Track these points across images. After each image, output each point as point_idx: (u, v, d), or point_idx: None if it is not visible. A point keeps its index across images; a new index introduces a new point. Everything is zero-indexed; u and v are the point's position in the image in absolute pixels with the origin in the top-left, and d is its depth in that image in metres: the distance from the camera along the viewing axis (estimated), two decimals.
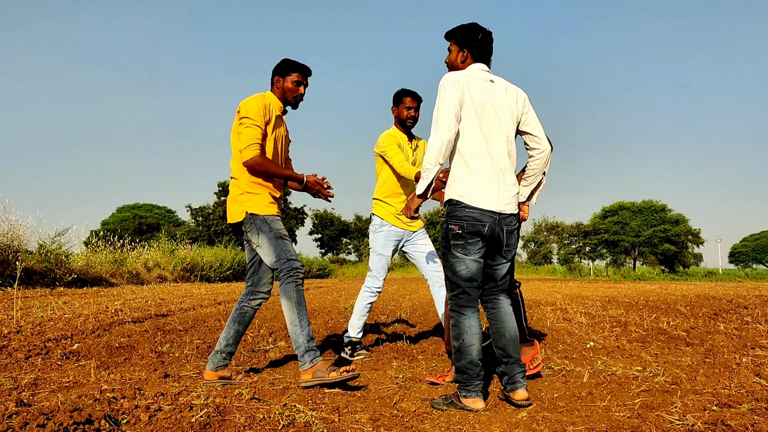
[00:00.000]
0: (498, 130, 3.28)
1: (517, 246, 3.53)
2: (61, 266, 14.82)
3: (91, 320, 6.87)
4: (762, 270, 48.88)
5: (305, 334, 3.79)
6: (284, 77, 4.08)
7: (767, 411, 2.97)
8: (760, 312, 8.18)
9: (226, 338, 3.99)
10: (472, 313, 3.30)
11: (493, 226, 3.24)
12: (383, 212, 4.97)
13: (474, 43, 3.44)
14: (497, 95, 3.31)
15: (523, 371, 3.36)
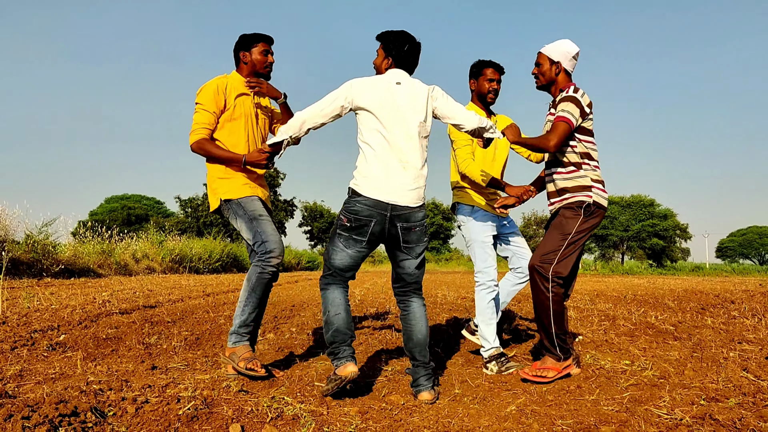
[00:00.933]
0: (400, 127, 3.40)
1: (421, 242, 3.48)
2: (49, 257, 14.70)
3: (78, 311, 6.81)
4: (748, 265, 49.27)
5: (241, 320, 3.79)
6: (249, 50, 4.05)
7: (754, 405, 2.98)
8: (747, 307, 8.23)
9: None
10: (336, 288, 3.45)
11: (381, 221, 3.34)
12: (472, 200, 4.41)
13: (400, 52, 3.56)
14: (401, 96, 3.44)
15: (428, 374, 3.40)
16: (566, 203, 3.88)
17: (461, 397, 3.36)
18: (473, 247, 4.39)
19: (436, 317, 7.12)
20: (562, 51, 3.92)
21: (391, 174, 3.36)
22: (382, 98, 3.42)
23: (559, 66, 3.94)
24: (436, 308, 8.29)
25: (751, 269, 39.38)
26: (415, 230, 3.41)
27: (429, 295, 10.93)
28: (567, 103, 3.78)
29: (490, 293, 4.34)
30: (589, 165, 3.87)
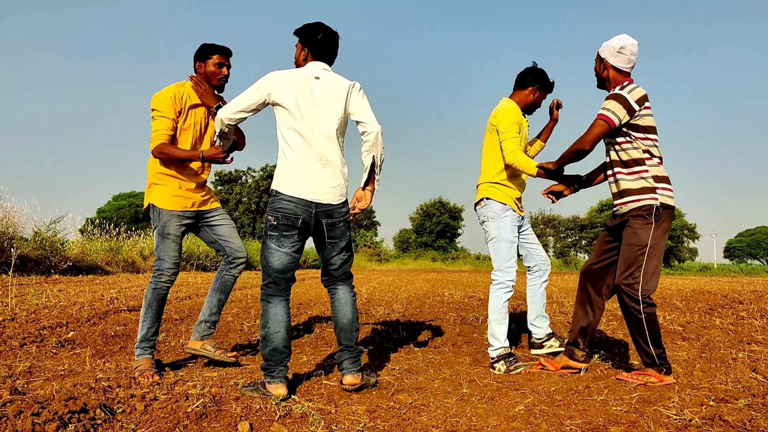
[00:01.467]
0: (318, 123, 3.42)
1: (345, 237, 3.52)
2: (57, 254, 14.76)
3: (87, 308, 6.84)
4: (757, 265, 49.04)
5: (141, 335, 3.84)
6: (205, 62, 4.10)
7: (764, 406, 2.97)
8: (755, 307, 8.19)
9: (210, 307, 4.15)
10: (279, 302, 3.41)
11: (308, 218, 3.37)
12: (505, 197, 4.35)
13: (314, 43, 3.57)
14: (319, 92, 3.46)
15: (352, 357, 3.47)
16: (633, 209, 3.75)
17: (469, 397, 3.36)
18: (500, 245, 4.33)
19: (444, 316, 7.11)
20: (608, 47, 3.84)
21: (312, 172, 3.38)
22: (298, 94, 3.41)
23: (605, 63, 3.88)
24: (443, 307, 8.28)
25: (760, 269, 39.18)
26: (339, 225, 3.48)
27: (436, 293, 10.92)
28: (609, 101, 3.72)
29: (507, 293, 4.30)
30: (652, 161, 3.76)
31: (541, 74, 4.51)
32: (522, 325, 6.12)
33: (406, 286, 13.53)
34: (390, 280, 16.58)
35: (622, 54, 3.80)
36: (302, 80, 3.45)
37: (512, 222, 4.34)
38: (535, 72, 4.51)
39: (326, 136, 3.43)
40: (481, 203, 4.45)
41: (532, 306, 4.63)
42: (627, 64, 3.83)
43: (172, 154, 3.90)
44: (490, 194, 4.39)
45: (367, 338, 5.40)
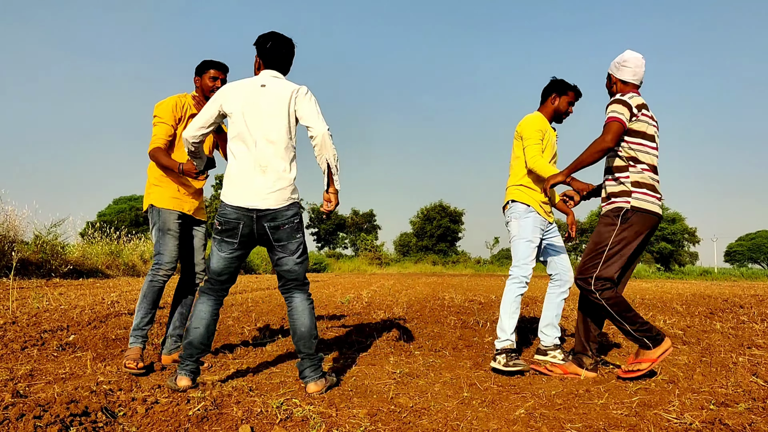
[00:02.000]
0: (260, 130, 3.47)
1: (293, 239, 3.51)
2: (57, 257, 14.78)
3: (87, 312, 6.85)
4: (757, 269, 49.02)
5: (135, 324, 4.10)
6: (201, 76, 4.34)
7: (764, 410, 2.97)
8: (756, 311, 8.20)
9: (174, 322, 4.42)
10: (207, 300, 3.56)
11: (249, 224, 3.45)
12: (529, 198, 4.49)
13: (264, 52, 3.65)
14: (264, 99, 3.51)
15: (313, 365, 3.50)
16: (605, 211, 3.94)
17: (470, 400, 3.36)
18: (519, 243, 4.49)
19: (444, 320, 7.12)
20: (614, 63, 4.02)
21: (250, 179, 3.44)
22: (244, 102, 3.50)
23: (612, 78, 4.04)
24: (443, 311, 8.29)
25: (760, 274, 39.17)
26: (284, 228, 3.47)
27: (436, 297, 10.93)
28: (614, 105, 3.83)
29: (520, 288, 4.43)
30: (635, 168, 3.85)
31: (557, 82, 4.66)
32: (523, 330, 6.13)
33: (407, 290, 13.54)
34: (390, 284, 16.59)
35: (626, 67, 3.94)
36: (249, 89, 3.54)
37: (534, 223, 4.48)
38: (552, 82, 4.68)
39: (269, 142, 3.47)
40: (507, 206, 4.63)
41: (545, 313, 4.68)
42: (633, 77, 3.95)
43: (158, 160, 4.14)
44: (516, 196, 4.56)
45: (368, 342, 5.40)
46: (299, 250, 3.56)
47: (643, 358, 3.75)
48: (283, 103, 3.50)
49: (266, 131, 3.47)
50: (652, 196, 3.84)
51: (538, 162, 4.36)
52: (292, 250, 3.53)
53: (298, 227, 3.54)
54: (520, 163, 4.58)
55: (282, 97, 3.51)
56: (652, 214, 3.83)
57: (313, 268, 35.48)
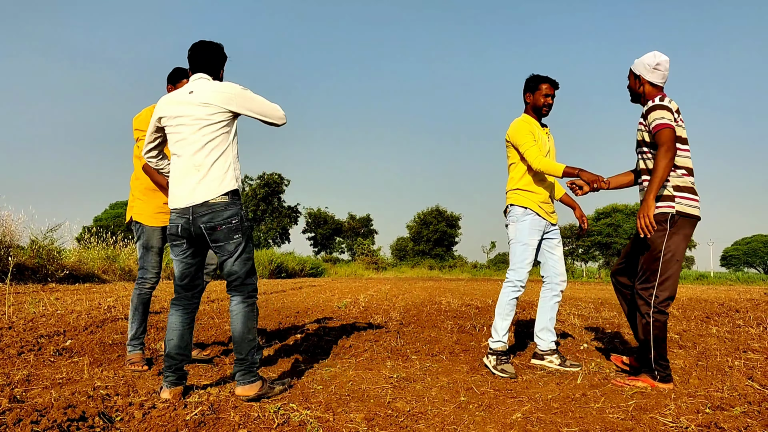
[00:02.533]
0: (190, 135, 3.52)
1: (230, 240, 3.51)
2: (53, 262, 14.75)
3: (84, 317, 6.84)
4: (753, 274, 49.10)
5: (131, 335, 4.36)
6: (175, 85, 4.44)
7: (760, 414, 2.99)
8: (751, 315, 8.22)
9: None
10: (176, 311, 3.62)
11: (186, 226, 3.50)
12: (527, 201, 4.55)
13: (189, 58, 3.75)
14: (190, 104, 3.54)
15: (242, 369, 3.49)
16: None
17: (467, 405, 3.37)
18: (515, 247, 4.55)
19: (441, 324, 7.12)
20: (643, 64, 4.02)
21: (183, 181, 3.51)
22: (173, 111, 3.57)
23: (641, 79, 4.04)
24: (440, 315, 8.29)
25: (756, 278, 39.25)
26: (221, 228, 3.47)
27: (433, 302, 10.93)
28: (657, 111, 3.83)
29: (514, 291, 4.50)
30: (676, 173, 3.86)
31: (528, 80, 4.72)
32: (522, 334, 6.14)
33: (404, 295, 13.54)
34: (387, 289, 16.59)
35: (658, 70, 3.98)
36: (178, 97, 3.60)
37: (531, 226, 4.53)
38: (525, 81, 4.73)
39: (198, 145, 3.50)
40: (508, 210, 4.69)
41: (540, 317, 4.72)
42: (661, 80, 4.00)
43: (152, 177, 4.27)
44: (514, 200, 4.62)
45: (364, 347, 5.41)
46: (237, 251, 3.54)
47: (644, 380, 3.78)
48: (208, 105, 3.51)
49: (193, 135, 3.51)
50: (693, 199, 3.86)
51: (543, 162, 4.41)
52: (230, 251, 3.52)
53: (237, 228, 3.51)
54: (516, 167, 4.62)
55: (206, 98, 3.52)
56: (695, 217, 3.86)
57: (309, 273, 35.41)
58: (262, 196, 52.42)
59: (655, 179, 3.72)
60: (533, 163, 4.44)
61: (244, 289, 3.60)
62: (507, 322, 4.46)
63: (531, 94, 4.68)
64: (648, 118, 3.86)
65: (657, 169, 3.72)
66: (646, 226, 3.72)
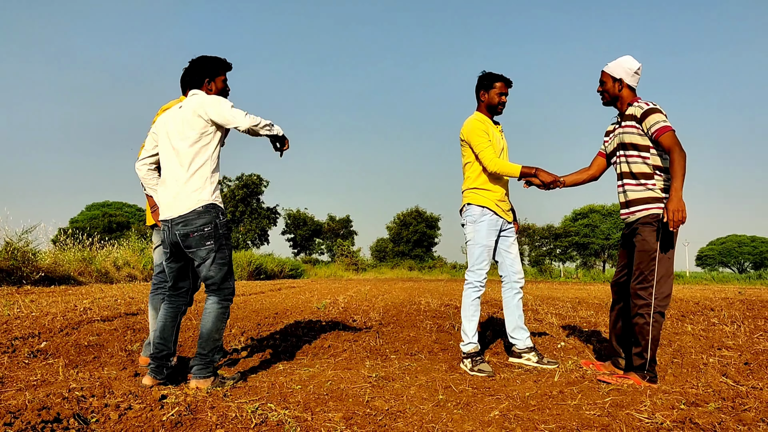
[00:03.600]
0: (176, 146, 3.71)
1: (202, 247, 3.65)
2: (28, 264, 14.56)
3: (59, 318, 6.76)
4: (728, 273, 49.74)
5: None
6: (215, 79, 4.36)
7: (733, 410, 3.03)
8: (726, 314, 8.33)
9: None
10: (164, 304, 3.89)
11: (168, 234, 3.71)
12: (484, 200, 4.54)
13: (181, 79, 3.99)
14: (175, 118, 3.74)
15: (200, 365, 3.66)
16: (642, 218, 3.93)
17: (445, 403, 3.38)
18: (473, 248, 4.58)
19: (420, 324, 7.13)
20: (624, 68, 4.07)
21: (166, 195, 3.71)
22: (164, 126, 3.79)
23: (621, 83, 4.10)
24: (419, 315, 8.30)
25: (731, 277, 39.76)
26: (193, 236, 3.63)
27: (413, 302, 10.94)
28: (656, 115, 3.88)
29: (475, 292, 4.56)
30: (661, 177, 3.92)
31: (481, 77, 4.71)
32: (499, 332, 6.17)
33: (383, 295, 13.54)
34: (367, 290, 16.58)
35: (638, 75, 4.10)
36: (170, 113, 3.80)
37: (489, 226, 4.54)
38: (478, 78, 4.73)
39: (177, 156, 3.69)
40: (464, 209, 4.68)
41: (508, 318, 4.75)
42: (637, 84, 4.11)
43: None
44: (471, 199, 4.61)
45: (344, 347, 5.40)
46: (209, 257, 3.68)
47: (633, 378, 3.81)
48: (188, 116, 3.68)
49: (175, 148, 3.70)
50: None
51: (498, 164, 4.44)
52: (202, 257, 3.68)
53: (209, 235, 3.65)
54: (472, 167, 4.63)
55: (187, 110, 3.70)
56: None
57: (289, 274, 35.26)
58: (240, 197, 52.10)
59: (679, 178, 3.73)
60: (489, 166, 4.46)
61: (220, 293, 3.77)
62: (474, 323, 4.52)
63: (485, 92, 4.66)
64: (646, 122, 3.89)
65: (678, 169, 3.73)
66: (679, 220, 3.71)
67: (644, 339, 3.82)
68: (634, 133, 3.97)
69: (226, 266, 3.76)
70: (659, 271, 3.83)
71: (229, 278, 3.78)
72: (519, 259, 4.74)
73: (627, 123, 4.03)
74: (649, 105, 3.94)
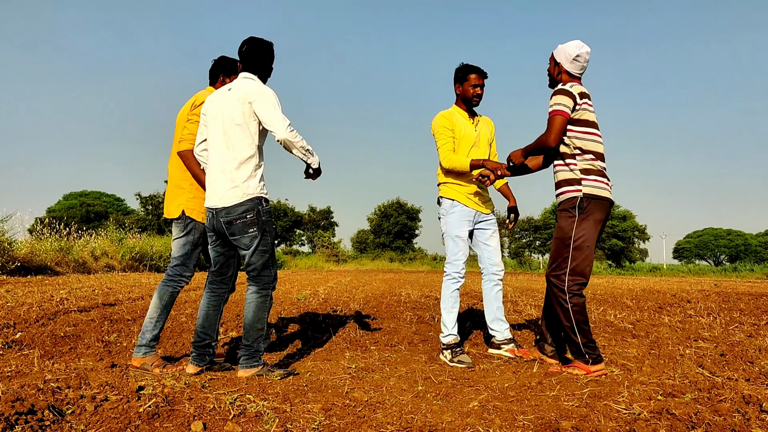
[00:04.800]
0: (219, 135, 3.73)
1: (245, 234, 3.70)
2: (4, 254, 14.35)
3: (35, 309, 6.67)
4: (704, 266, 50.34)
5: (154, 332, 4.04)
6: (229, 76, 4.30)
7: (709, 400, 3.06)
8: (702, 306, 8.43)
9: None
10: (206, 293, 3.96)
11: (212, 220, 3.76)
12: (454, 193, 4.61)
13: (240, 55, 3.88)
14: (224, 103, 3.73)
15: (245, 355, 3.72)
16: (561, 203, 3.99)
17: (424, 394, 3.38)
18: (447, 241, 4.63)
19: (400, 315, 7.14)
20: (564, 53, 4.03)
21: (212, 183, 3.73)
22: (211, 109, 3.79)
23: (560, 67, 4.06)
24: (399, 306, 8.31)
25: (707, 270, 40.25)
26: (236, 223, 3.68)
27: (393, 293, 10.95)
28: (557, 96, 3.89)
29: (454, 283, 4.58)
30: (583, 156, 3.91)
31: (456, 71, 4.72)
32: (479, 324, 6.19)
33: (364, 287, 13.53)
34: (347, 281, 16.56)
35: (577, 62, 3.99)
36: (218, 95, 3.79)
37: (459, 218, 4.59)
38: (455, 72, 4.74)
39: (226, 144, 3.69)
40: (439, 202, 4.74)
41: (487, 309, 4.78)
42: (579, 71, 4.03)
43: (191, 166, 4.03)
44: (443, 193, 4.69)
45: (324, 338, 5.39)
46: (253, 244, 3.70)
47: (579, 366, 3.84)
48: (238, 104, 3.66)
49: (222, 135, 3.70)
50: (602, 182, 3.90)
51: (451, 160, 4.52)
52: (245, 244, 3.71)
53: (250, 222, 3.67)
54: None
55: (238, 97, 3.66)
56: (605, 199, 3.89)
57: None
58: None
59: (530, 145, 3.95)
60: (443, 162, 4.57)
61: (260, 280, 3.79)
62: (453, 315, 4.53)
63: (460, 85, 4.68)
64: (550, 102, 3.91)
65: (535, 141, 3.93)
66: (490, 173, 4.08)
67: (570, 326, 3.85)
68: None
69: (267, 253, 3.79)
70: (573, 257, 3.85)
71: (270, 266, 3.81)
72: (499, 252, 4.75)
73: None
74: (559, 86, 3.94)
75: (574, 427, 2.70)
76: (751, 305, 8.67)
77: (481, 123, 4.76)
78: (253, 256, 3.72)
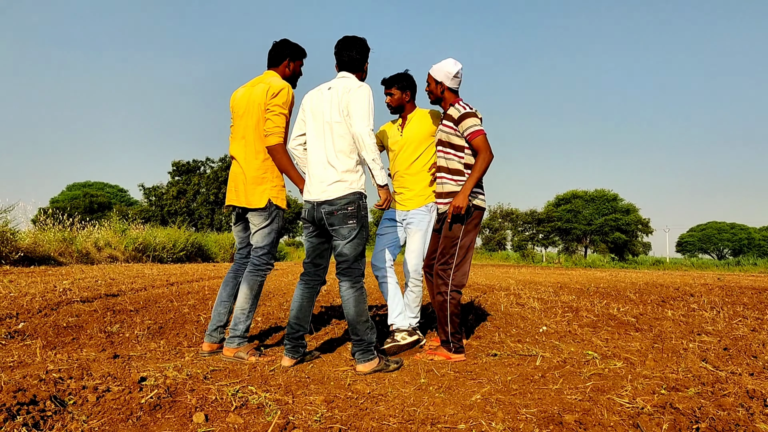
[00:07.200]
0: (321, 130, 3.83)
1: (345, 225, 3.75)
2: (7, 244, 14.36)
3: (38, 299, 6.67)
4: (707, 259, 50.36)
5: (247, 323, 4.18)
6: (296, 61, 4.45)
7: (713, 394, 3.04)
8: (705, 299, 8.41)
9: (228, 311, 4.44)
10: (300, 284, 4.00)
11: (312, 212, 3.84)
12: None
13: (335, 54, 4.00)
14: (325, 100, 3.83)
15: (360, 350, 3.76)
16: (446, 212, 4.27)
17: (427, 386, 3.37)
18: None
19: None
20: (444, 72, 4.32)
21: (314, 177, 3.81)
22: (311, 105, 3.90)
23: (442, 85, 4.35)
24: None
25: (710, 263, 40.24)
26: (337, 214, 3.75)
27: None
28: (471, 119, 4.20)
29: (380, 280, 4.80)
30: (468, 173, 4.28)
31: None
32: (481, 318, 6.17)
33: (366, 278, 13.53)
34: None
35: (457, 78, 4.35)
36: (317, 93, 3.91)
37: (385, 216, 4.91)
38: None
39: (328, 140, 3.78)
40: None
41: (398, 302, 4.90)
42: (458, 86, 4.39)
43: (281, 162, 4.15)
44: None
45: (326, 330, 5.38)
46: (351, 236, 3.78)
47: (441, 353, 4.23)
48: (337, 101, 3.76)
49: (323, 131, 3.80)
50: (482, 194, 4.33)
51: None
52: (343, 235, 3.78)
53: (350, 214, 3.75)
54: None
55: (337, 95, 3.78)
56: (483, 209, 4.34)
57: None
58: (224, 178, 51.72)
59: (475, 176, 4.15)
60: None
61: (351, 273, 3.83)
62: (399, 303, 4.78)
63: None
64: (461, 125, 4.20)
65: (477, 169, 4.17)
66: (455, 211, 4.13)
67: (443, 314, 4.20)
68: (452, 133, 4.27)
69: (361, 246, 3.86)
70: (459, 254, 4.23)
71: (360, 259, 3.86)
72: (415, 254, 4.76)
73: (446, 123, 4.33)
74: (466, 109, 4.24)
75: (577, 420, 2.69)
76: (754, 299, 8.65)
77: (417, 116, 4.85)
78: (347, 247, 3.78)
